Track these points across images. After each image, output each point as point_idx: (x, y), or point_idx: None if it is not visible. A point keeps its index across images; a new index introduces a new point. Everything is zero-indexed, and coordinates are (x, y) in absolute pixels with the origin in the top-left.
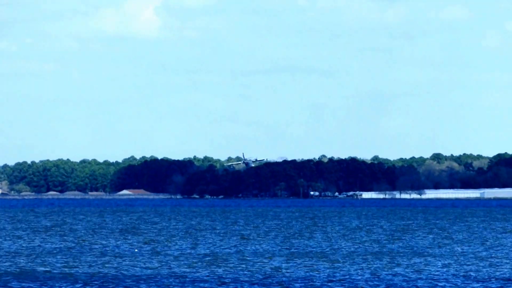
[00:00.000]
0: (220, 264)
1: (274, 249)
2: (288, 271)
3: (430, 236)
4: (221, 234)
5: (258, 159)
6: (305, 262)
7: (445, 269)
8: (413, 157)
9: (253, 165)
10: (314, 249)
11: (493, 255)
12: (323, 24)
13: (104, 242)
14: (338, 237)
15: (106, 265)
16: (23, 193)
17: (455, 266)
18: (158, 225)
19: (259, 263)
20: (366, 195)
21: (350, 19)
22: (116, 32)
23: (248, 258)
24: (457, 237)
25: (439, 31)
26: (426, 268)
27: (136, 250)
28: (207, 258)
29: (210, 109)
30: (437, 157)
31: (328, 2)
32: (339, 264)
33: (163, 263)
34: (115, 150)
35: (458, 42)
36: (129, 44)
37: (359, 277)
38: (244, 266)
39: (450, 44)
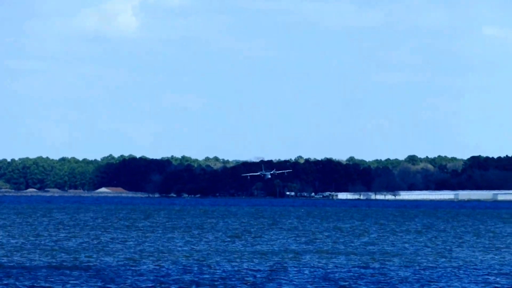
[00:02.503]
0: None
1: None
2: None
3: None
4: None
5: (276, 172)
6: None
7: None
8: (388, 159)
9: (270, 176)
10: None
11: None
12: (302, 26)
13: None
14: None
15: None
16: (2, 190)
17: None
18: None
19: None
20: (341, 195)
21: (329, 21)
22: (95, 32)
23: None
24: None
25: (417, 35)
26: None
27: None
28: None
29: (188, 109)
30: (412, 159)
31: (307, 4)
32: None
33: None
34: (94, 149)
35: (435, 46)
36: (108, 44)
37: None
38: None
39: (428, 48)
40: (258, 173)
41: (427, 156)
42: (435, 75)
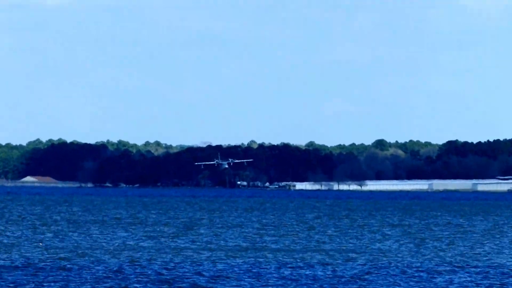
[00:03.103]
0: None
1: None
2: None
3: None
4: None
5: (234, 161)
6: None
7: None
8: (353, 144)
9: (226, 166)
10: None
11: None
12: None
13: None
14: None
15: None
16: None
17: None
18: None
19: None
20: (300, 185)
21: None
22: None
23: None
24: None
25: (383, 4)
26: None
27: (41, 244)
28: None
29: (125, 87)
30: (380, 144)
31: None
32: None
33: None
34: (19, 132)
35: (405, 18)
36: (32, 12)
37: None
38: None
39: (396, 20)
40: (213, 162)
41: (397, 141)
42: (404, 51)
